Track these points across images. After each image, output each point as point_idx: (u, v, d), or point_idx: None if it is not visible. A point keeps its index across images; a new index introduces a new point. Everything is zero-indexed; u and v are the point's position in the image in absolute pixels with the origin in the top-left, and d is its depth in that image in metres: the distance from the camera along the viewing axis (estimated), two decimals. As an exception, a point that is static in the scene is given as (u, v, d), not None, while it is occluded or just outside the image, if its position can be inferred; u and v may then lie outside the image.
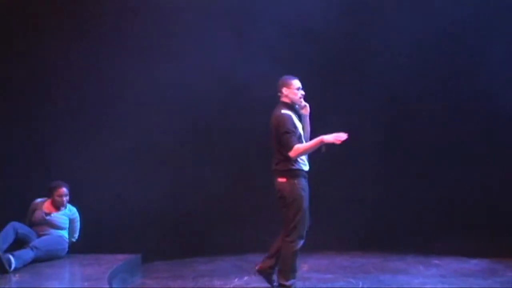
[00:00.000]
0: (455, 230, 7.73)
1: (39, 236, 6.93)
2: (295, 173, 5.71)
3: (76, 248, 7.18)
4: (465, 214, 7.81)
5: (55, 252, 6.91)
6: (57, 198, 7.08)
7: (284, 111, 5.74)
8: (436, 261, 7.35)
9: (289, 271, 5.73)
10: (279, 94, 5.85)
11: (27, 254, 6.59)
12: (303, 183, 5.72)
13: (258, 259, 6.94)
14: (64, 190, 7.10)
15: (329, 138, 5.50)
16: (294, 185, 5.67)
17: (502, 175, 7.80)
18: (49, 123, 7.84)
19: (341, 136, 5.47)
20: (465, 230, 7.69)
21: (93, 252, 7.07)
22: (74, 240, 7.23)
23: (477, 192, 7.82)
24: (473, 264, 7.26)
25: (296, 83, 5.84)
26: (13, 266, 6.29)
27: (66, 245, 7.08)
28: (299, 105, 5.84)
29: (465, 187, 7.85)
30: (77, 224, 7.23)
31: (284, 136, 5.64)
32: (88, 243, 7.19)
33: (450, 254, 7.55)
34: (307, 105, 5.88)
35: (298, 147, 5.61)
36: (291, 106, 5.82)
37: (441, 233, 7.80)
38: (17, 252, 6.54)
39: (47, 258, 6.79)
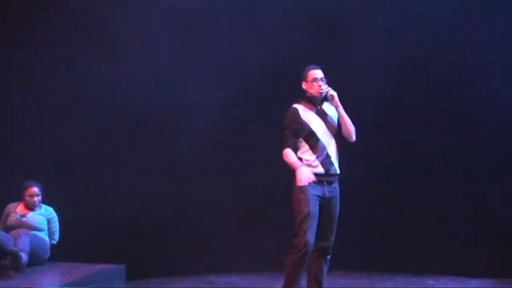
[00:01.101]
0: (453, 246, 7.28)
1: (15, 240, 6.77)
2: None
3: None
4: (463, 228, 7.35)
5: (38, 255, 6.71)
6: (28, 199, 6.94)
7: (295, 104, 5.55)
8: (431, 282, 7.10)
9: (288, 280, 5.41)
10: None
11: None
12: (306, 185, 5.36)
13: (220, 281, 7.01)
14: (35, 189, 6.94)
15: (298, 175, 5.33)
16: (294, 188, 5.39)
17: (504, 186, 7.41)
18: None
19: (301, 180, 5.30)
20: (464, 246, 7.26)
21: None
22: (54, 242, 7.04)
23: (476, 203, 7.39)
24: (473, 284, 7.03)
25: (312, 74, 5.52)
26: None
27: (49, 248, 6.92)
28: (327, 97, 5.45)
29: (462, 198, 7.46)
30: (56, 225, 7.05)
31: (283, 132, 5.49)
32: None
33: (447, 274, 7.28)
34: (335, 94, 5.43)
35: (286, 153, 5.44)
36: (313, 100, 5.52)
37: (437, 249, 7.37)
38: None
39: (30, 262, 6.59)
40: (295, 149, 5.44)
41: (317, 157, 5.40)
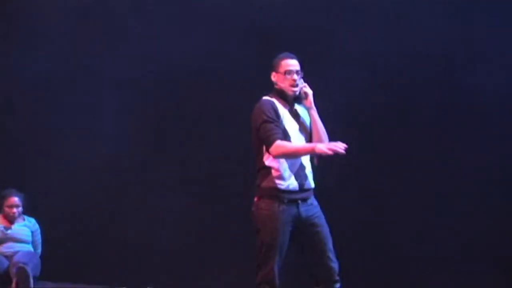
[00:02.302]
0: (456, 263, 6.95)
1: (4, 255, 6.64)
2: (264, 192, 4.61)
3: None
4: (466, 243, 6.97)
5: (36, 275, 6.65)
6: (7, 210, 6.79)
7: (266, 97, 4.67)
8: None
9: None
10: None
11: None
12: (274, 207, 4.56)
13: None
14: (15, 199, 6.78)
15: (322, 147, 4.43)
16: (259, 210, 4.60)
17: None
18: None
19: (337, 146, 4.40)
20: (466, 262, 6.90)
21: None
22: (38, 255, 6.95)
23: (479, 217, 7.00)
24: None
25: (285, 64, 4.64)
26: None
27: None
28: (300, 95, 4.69)
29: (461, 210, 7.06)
30: (39, 237, 6.99)
31: (262, 127, 4.53)
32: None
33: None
34: (310, 92, 4.69)
35: (282, 144, 4.49)
36: (284, 95, 4.67)
37: (438, 267, 7.06)
38: None
39: None
40: (262, 154, 4.61)
41: (289, 167, 4.59)
